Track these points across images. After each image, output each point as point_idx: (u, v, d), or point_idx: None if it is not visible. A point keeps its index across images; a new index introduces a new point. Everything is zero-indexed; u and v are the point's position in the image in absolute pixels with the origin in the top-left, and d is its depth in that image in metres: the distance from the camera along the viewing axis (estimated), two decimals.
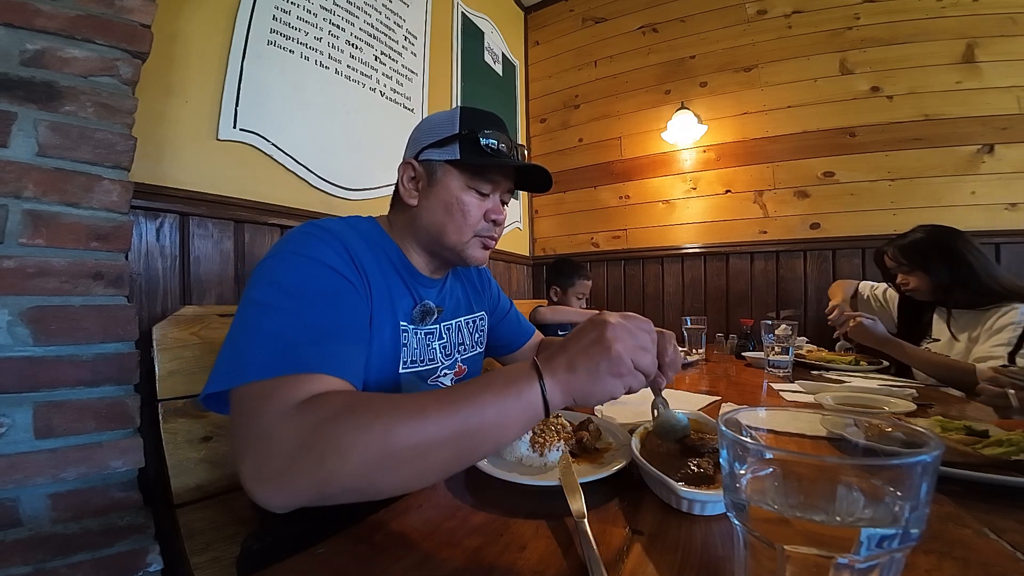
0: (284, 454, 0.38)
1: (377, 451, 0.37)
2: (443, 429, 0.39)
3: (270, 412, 0.41)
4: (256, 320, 0.48)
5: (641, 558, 0.36)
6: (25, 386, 0.68)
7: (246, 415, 0.42)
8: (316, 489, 0.38)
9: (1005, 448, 0.52)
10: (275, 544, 0.66)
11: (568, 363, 0.44)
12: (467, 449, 0.40)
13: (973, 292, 1.24)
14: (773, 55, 2.19)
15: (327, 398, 0.42)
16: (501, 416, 0.41)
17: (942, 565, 0.34)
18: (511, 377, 0.43)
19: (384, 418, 0.38)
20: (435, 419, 0.39)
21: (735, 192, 2.28)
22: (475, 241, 0.71)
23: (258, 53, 1.27)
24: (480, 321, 0.88)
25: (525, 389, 0.42)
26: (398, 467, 0.38)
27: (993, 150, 1.81)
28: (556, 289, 1.97)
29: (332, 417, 0.39)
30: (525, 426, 0.43)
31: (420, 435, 0.38)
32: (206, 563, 0.77)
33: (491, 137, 0.66)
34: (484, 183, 0.69)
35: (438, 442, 0.39)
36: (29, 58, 0.71)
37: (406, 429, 0.38)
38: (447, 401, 0.41)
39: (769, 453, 0.26)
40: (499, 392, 0.42)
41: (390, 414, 0.39)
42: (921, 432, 0.26)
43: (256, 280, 0.53)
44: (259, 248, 1.26)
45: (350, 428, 0.38)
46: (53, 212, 0.72)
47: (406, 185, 0.71)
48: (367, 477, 0.38)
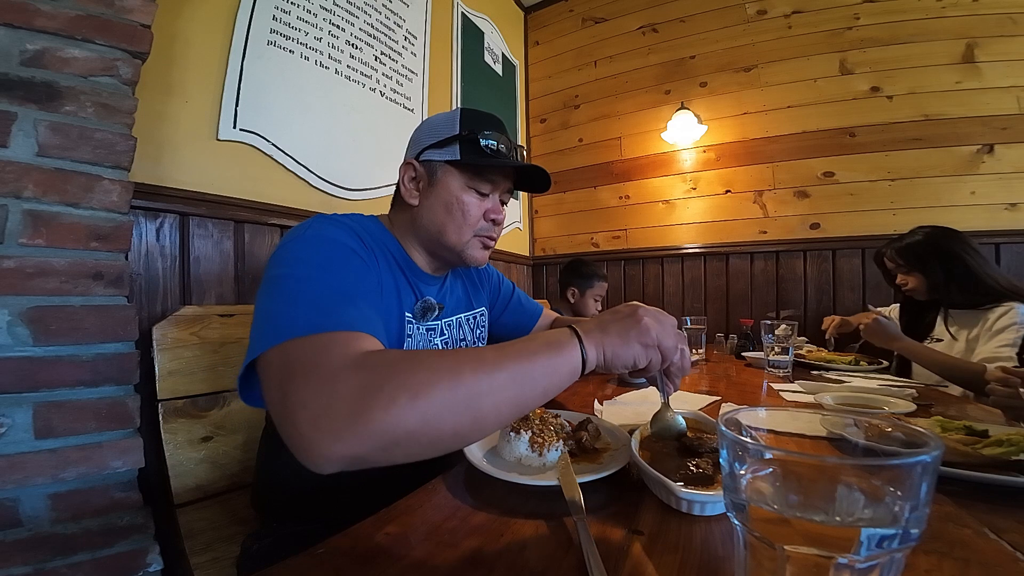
0: (352, 398, 0.37)
1: (446, 391, 0.39)
2: (502, 374, 0.42)
3: (332, 362, 0.40)
4: (290, 288, 0.49)
5: (641, 558, 0.36)
6: (25, 386, 0.68)
7: (301, 367, 0.40)
8: (383, 433, 0.36)
9: (1005, 448, 0.52)
10: (275, 544, 0.66)
11: (602, 327, 0.50)
12: (521, 395, 0.43)
13: (971, 292, 1.25)
14: (773, 55, 2.19)
15: (387, 351, 0.44)
16: (548, 367, 0.45)
17: (942, 565, 0.34)
18: (553, 336, 0.48)
19: (449, 362, 0.41)
20: (494, 365, 0.42)
21: (735, 192, 2.28)
22: (475, 241, 0.72)
23: (258, 53, 1.27)
24: (480, 317, 0.89)
25: (567, 345, 0.47)
26: (463, 409, 0.40)
27: (993, 150, 1.81)
28: (574, 291, 1.94)
29: (399, 361, 0.41)
30: (568, 378, 0.47)
31: (483, 378, 0.41)
32: (206, 563, 0.77)
33: (491, 138, 0.67)
34: (484, 183, 0.70)
35: (498, 386, 0.41)
36: (29, 58, 0.70)
37: (470, 373, 0.41)
38: (501, 353, 0.44)
39: (769, 453, 0.26)
40: (546, 347, 0.46)
41: (454, 359, 0.42)
42: (921, 432, 0.26)
43: (279, 260, 0.54)
44: (259, 248, 1.26)
45: (420, 370, 0.39)
46: (53, 212, 0.72)
47: (407, 185, 0.72)
48: (436, 419, 0.38)
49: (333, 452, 0.36)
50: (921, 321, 1.43)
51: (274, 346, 0.43)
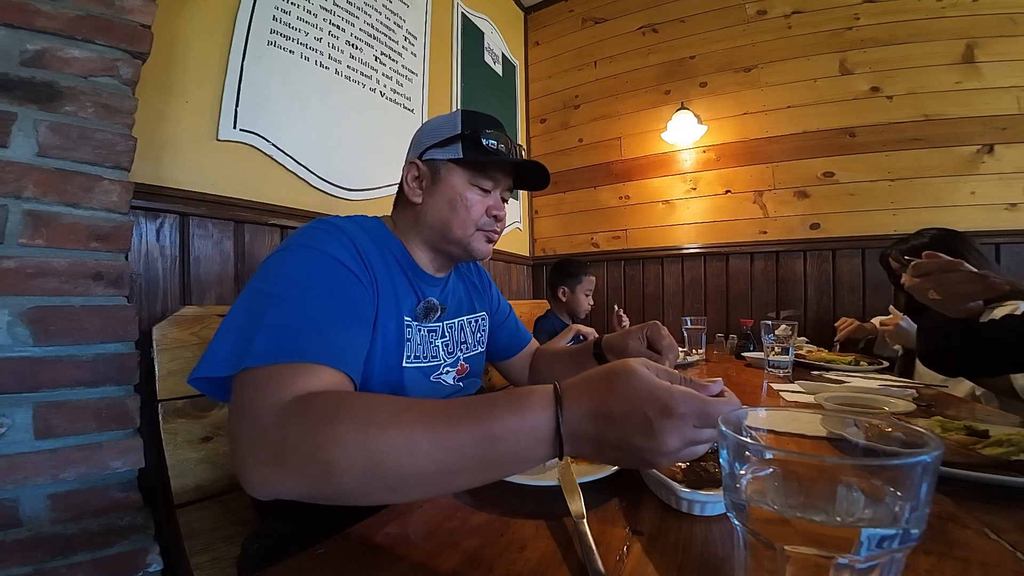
0: (269, 449, 0.39)
1: (360, 472, 0.36)
2: (432, 460, 0.36)
3: (263, 404, 0.41)
4: (260, 308, 0.49)
5: (641, 558, 0.36)
6: (25, 386, 0.68)
7: (242, 402, 0.43)
8: (297, 493, 0.38)
9: (1005, 448, 0.52)
10: (275, 544, 0.66)
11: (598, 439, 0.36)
12: (464, 479, 0.38)
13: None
14: (773, 55, 2.19)
15: (319, 400, 0.41)
16: (504, 448, 0.36)
17: (942, 565, 0.34)
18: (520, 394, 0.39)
19: (370, 437, 0.36)
20: (425, 444, 0.36)
21: (735, 192, 2.28)
22: (479, 235, 0.74)
23: (258, 53, 1.27)
24: (482, 321, 0.89)
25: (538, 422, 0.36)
26: (383, 490, 0.37)
27: (993, 150, 1.81)
28: (564, 290, 1.95)
29: (321, 423, 0.38)
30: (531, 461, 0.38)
31: (405, 464, 0.36)
32: (206, 563, 0.77)
33: (492, 137, 0.69)
34: (486, 180, 0.72)
35: (423, 473, 0.36)
36: (29, 58, 0.71)
37: (392, 451, 0.36)
38: (441, 422, 0.37)
39: (769, 453, 0.26)
40: (507, 417, 0.37)
41: (375, 433, 0.37)
42: (921, 432, 0.26)
43: (264, 271, 0.54)
44: (259, 248, 1.26)
45: (333, 443, 0.36)
46: (53, 212, 0.72)
47: (410, 184, 0.73)
48: (349, 494, 0.38)
49: (257, 491, 0.39)
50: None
51: (236, 372, 0.45)
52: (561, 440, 0.36)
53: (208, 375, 0.46)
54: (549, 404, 0.37)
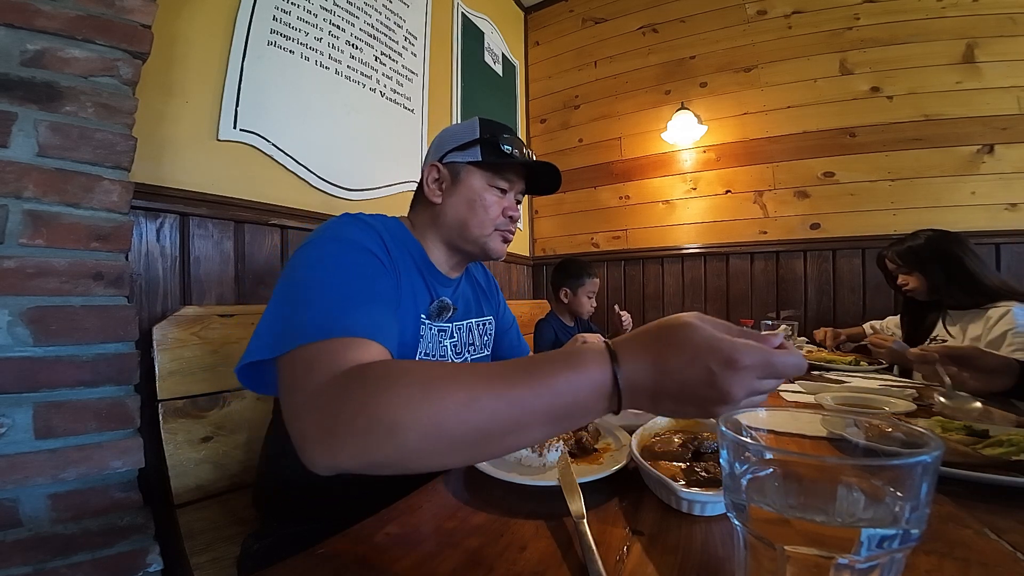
0: (331, 417, 0.38)
1: (424, 429, 0.36)
2: (493, 414, 0.36)
3: (319, 376, 0.41)
4: (301, 291, 0.51)
5: (641, 558, 0.36)
6: (25, 386, 0.68)
7: (297, 379, 0.43)
8: (360, 457, 0.37)
9: (1005, 448, 0.52)
10: (276, 544, 0.66)
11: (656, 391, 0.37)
12: (522, 431, 0.37)
13: (971, 292, 1.27)
14: (773, 55, 2.19)
15: (375, 366, 0.42)
16: (564, 402, 0.37)
17: (942, 565, 0.34)
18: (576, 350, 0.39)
19: (434, 395, 0.37)
20: (487, 400, 0.36)
21: (735, 192, 2.28)
22: (496, 234, 0.78)
23: (258, 53, 1.27)
24: (488, 324, 0.91)
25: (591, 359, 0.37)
26: (447, 448, 0.37)
27: (993, 150, 1.81)
28: (566, 291, 1.93)
29: (379, 389, 0.38)
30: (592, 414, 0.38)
31: (469, 420, 0.36)
32: (206, 563, 0.77)
33: (508, 142, 0.74)
34: (502, 181, 0.77)
35: (485, 428, 0.37)
36: (29, 58, 0.70)
37: (454, 409, 0.37)
38: (500, 379, 0.38)
39: (769, 453, 0.26)
40: (561, 363, 0.37)
41: (438, 391, 0.37)
42: (921, 432, 0.26)
43: (297, 261, 0.56)
44: (259, 248, 1.26)
45: (397, 404, 0.37)
46: (53, 212, 0.72)
47: (430, 185, 0.77)
48: (413, 455, 0.37)
49: (320, 463, 0.38)
50: (922, 322, 1.45)
51: (285, 352, 0.45)
52: (619, 393, 0.36)
53: (257, 359, 0.47)
54: (605, 359, 0.37)
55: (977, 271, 1.27)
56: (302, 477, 0.66)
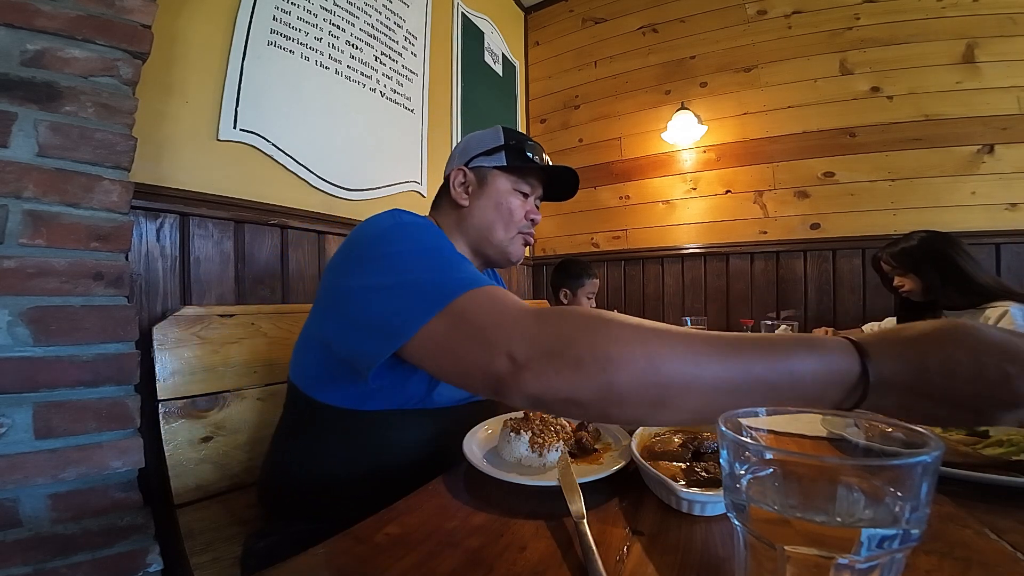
0: (543, 342, 0.38)
1: (639, 372, 0.35)
2: (715, 373, 0.35)
3: (512, 309, 0.42)
4: (421, 259, 0.51)
5: (641, 559, 0.36)
6: (25, 386, 0.68)
7: (485, 314, 0.43)
8: (566, 387, 0.37)
9: (1005, 448, 0.52)
10: (280, 542, 0.66)
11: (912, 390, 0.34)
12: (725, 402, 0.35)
13: (966, 292, 1.28)
14: (773, 55, 2.19)
15: (579, 309, 0.42)
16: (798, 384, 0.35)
17: (943, 565, 0.34)
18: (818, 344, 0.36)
19: (651, 340, 0.36)
20: (709, 359, 0.35)
21: (735, 192, 2.28)
22: (518, 237, 0.81)
23: (258, 53, 1.27)
24: None
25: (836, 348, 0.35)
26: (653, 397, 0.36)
27: (993, 150, 1.81)
28: (566, 292, 1.93)
29: (591, 324, 0.38)
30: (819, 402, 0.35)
31: (688, 372, 0.35)
32: (206, 563, 0.77)
33: (531, 149, 0.79)
34: (525, 185, 0.80)
35: (703, 384, 0.35)
36: (29, 58, 0.70)
37: (672, 357, 0.35)
38: (726, 344, 0.36)
39: (769, 453, 0.26)
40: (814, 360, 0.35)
41: (655, 337, 0.37)
42: (921, 432, 0.26)
43: (381, 240, 0.55)
44: (259, 248, 1.26)
45: (612, 340, 0.36)
46: (53, 212, 0.72)
47: (456, 188, 0.79)
48: (620, 392, 0.36)
49: (526, 390, 0.38)
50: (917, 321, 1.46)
51: (443, 308, 0.44)
52: (866, 388, 0.34)
53: (424, 321, 0.44)
54: (852, 353, 0.35)
55: (971, 271, 1.29)
56: (309, 476, 0.67)
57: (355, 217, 1.55)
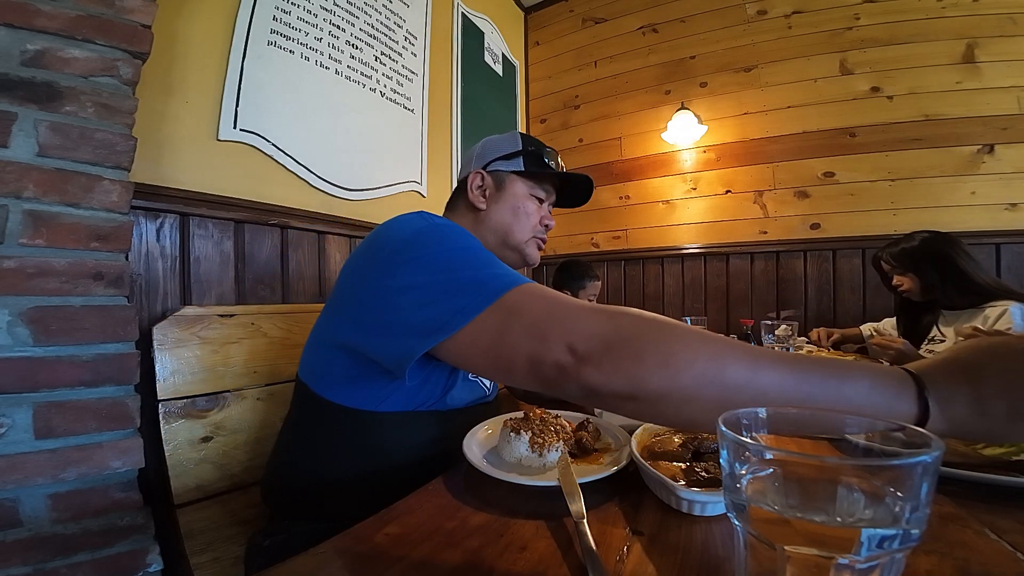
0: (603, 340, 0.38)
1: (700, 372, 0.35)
2: (776, 386, 0.35)
3: (567, 302, 0.42)
4: (464, 258, 0.51)
5: (641, 559, 0.36)
6: (25, 386, 0.68)
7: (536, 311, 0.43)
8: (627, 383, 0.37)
9: (1006, 448, 0.52)
10: (285, 541, 0.66)
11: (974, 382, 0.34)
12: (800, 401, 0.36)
13: (966, 292, 1.28)
14: (773, 55, 2.19)
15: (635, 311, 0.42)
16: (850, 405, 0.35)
17: (943, 566, 0.34)
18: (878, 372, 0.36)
19: (714, 347, 0.37)
20: (771, 373, 0.35)
21: (735, 192, 2.28)
22: (533, 241, 0.83)
23: (258, 53, 1.27)
24: None
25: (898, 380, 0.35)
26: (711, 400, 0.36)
27: (993, 150, 1.81)
28: (568, 293, 1.94)
29: (653, 322, 0.38)
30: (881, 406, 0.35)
31: (749, 381, 0.35)
32: (206, 563, 0.77)
33: (548, 155, 0.82)
34: (540, 191, 0.82)
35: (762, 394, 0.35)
36: (29, 58, 0.70)
37: (735, 366, 0.35)
38: (787, 363, 0.36)
39: (769, 453, 0.26)
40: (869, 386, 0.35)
41: (719, 345, 0.37)
42: (921, 432, 0.26)
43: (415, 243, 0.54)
44: (259, 248, 1.26)
45: (676, 338, 0.37)
46: (53, 212, 0.72)
47: (474, 191, 0.81)
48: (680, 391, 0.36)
49: (586, 380, 0.38)
50: (919, 323, 1.46)
51: (493, 303, 0.44)
52: (927, 415, 0.34)
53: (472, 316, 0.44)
54: (912, 393, 0.35)
55: (971, 271, 1.29)
56: (316, 475, 0.67)
57: (355, 217, 1.55)
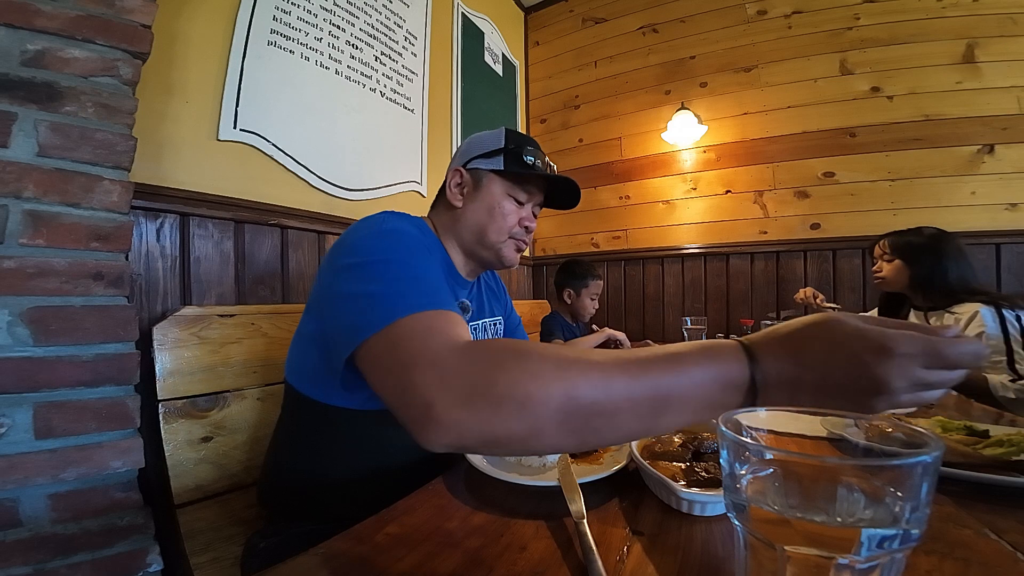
0: (461, 387, 0.37)
1: (557, 407, 0.36)
2: (627, 396, 0.36)
3: (438, 346, 0.40)
4: (383, 272, 0.50)
5: (641, 559, 0.36)
6: (25, 386, 0.68)
7: (411, 350, 0.41)
8: (486, 433, 0.36)
9: (1005, 448, 0.52)
10: (282, 543, 0.66)
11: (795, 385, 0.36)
12: (650, 423, 0.37)
13: (939, 291, 1.30)
14: (773, 55, 2.19)
15: (498, 342, 0.42)
16: (700, 392, 0.36)
17: (943, 566, 0.34)
18: (710, 344, 0.39)
19: (568, 372, 0.37)
20: (621, 381, 0.36)
21: (735, 192, 2.27)
22: (510, 242, 0.79)
23: (258, 53, 1.27)
24: (499, 324, 0.94)
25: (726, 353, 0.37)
26: (574, 429, 0.36)
27: (993, 150, 1.81)
28: (570, 292, 1.93)
29: (511, 361, 0.38)
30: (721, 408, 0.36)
31: (601, 400, 0.36)
32: (206, 563, 0.77)
33: (531, 154, 0.76)
34: (521, 192, 0.78)
35: (617, 409, 0.36)
36: (30, 58, 0.70)
37: (588, 387, 0.36)
38: (635, 364, 0.37)
39: (769, 453, 0.26)
40: (706, 364, 0.37)
41: (571, 369, 0.37)
42: (921, 432, 0.26)
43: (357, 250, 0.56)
44: (259, 248, 1.26)
45: (530, 376, 0.36)
46: (53, 212, 0.72)
47: (452, 189, 0.79)
48: (539, 433, 0.36)
49: (445, 435, 0.37)
50: (895, 316, 1.47)
51: (382, 329, 0.44)
52: (755, 388, 0.36)
53: (366, 337, 0.44)
54: (740, 354, 0.37)
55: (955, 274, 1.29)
56: (309, 476, 0.67)
57: (355, 217, 1.54)
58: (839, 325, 0.36)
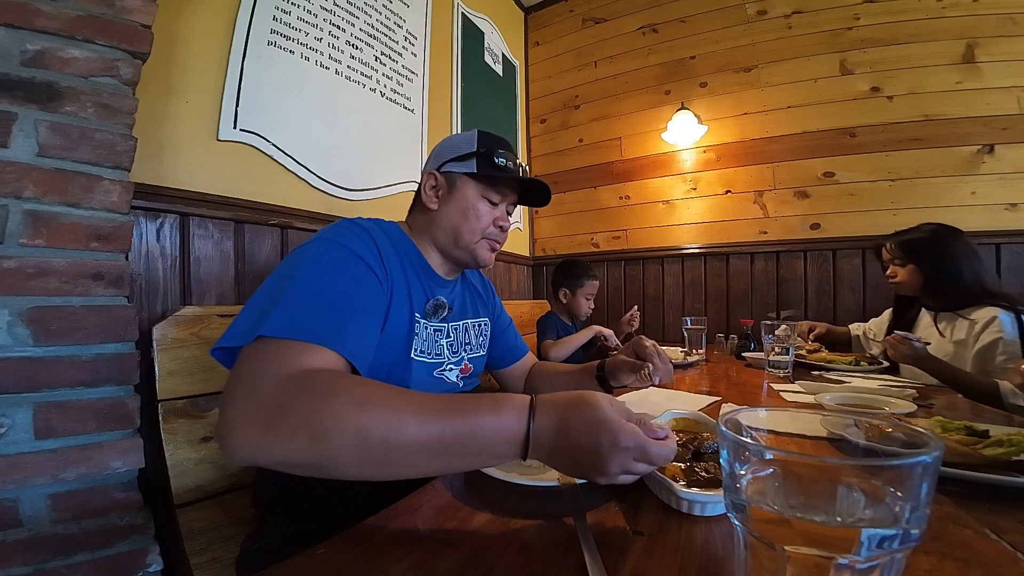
0: (264, 412, 0.41)
1: (349, 442, 0.39)
2: (414, 440, 0.40)
3: (266, 372, 0.44)
4: (281, 287, 0.53)
5: (641, 559, 0.36)
6: (25, 386, 0.68)
7: (245, 368, 0.46)
8: (280, 457, 0.40)
9: (1005, 448, 0.52)
10: (275, 544, 0.66)
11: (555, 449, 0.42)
12: (440, 463, 0.42)
13: (953, 294, 1.28)
14: (773, 55, 2.19)
15: (321, 375, 0.45)
16: (480, 440, 0.41)
17: (943, 566, 0.34)
18: (501, 397, 0.44)
19: (364, 412, 0.40)
20: (412, 424, 0.40)
21: (735, 192, 2.28)
22: (484, 243, 0.81)
23: (258, 53, 1.27)
24: (484, 326, 0.94)
25: (512, 425, 0.42)
26: (366, 461, 0.40)
27: (993, 150, 1.81)
28: (565, 292, 1.95)
29: (319, 396, 0.41)
30: (501, 457, 0.43)
31: (390, 440, 0.40)
32: (206, 563, 0.77)
33: (503, 156, 0.78)
34: (494, 194, 0.80)
35: (405, 450, 0.40)
36: (30, 58, 0.70)
37: (380, 427, 0.40)
38: (429, 409, 0.42)
39: (769, 453, 0.26)
40: (492, 414, 0.42)
41: (369, 409, 0.41)
42: (921, 432, 0.26)
43: (289, 259, 0.60)
44: (259, 248, 1.26)
45: (329, 413, 0.40)
46: (53, 212, 0.72)
47: (427, 192, 0.80)
48: (334, 463, 0.40)
49: (238, 452, 0.41)
50: (904, 318, 1.46)
51: (248, 341, 0.48)
52: (528, 444, 0.42)
53: (227, 345, 0.50)
54: (523, 413, 0.42)
55: (969, 273, 1.27)
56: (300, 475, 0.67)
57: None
58: (599, 410, 0.41)
